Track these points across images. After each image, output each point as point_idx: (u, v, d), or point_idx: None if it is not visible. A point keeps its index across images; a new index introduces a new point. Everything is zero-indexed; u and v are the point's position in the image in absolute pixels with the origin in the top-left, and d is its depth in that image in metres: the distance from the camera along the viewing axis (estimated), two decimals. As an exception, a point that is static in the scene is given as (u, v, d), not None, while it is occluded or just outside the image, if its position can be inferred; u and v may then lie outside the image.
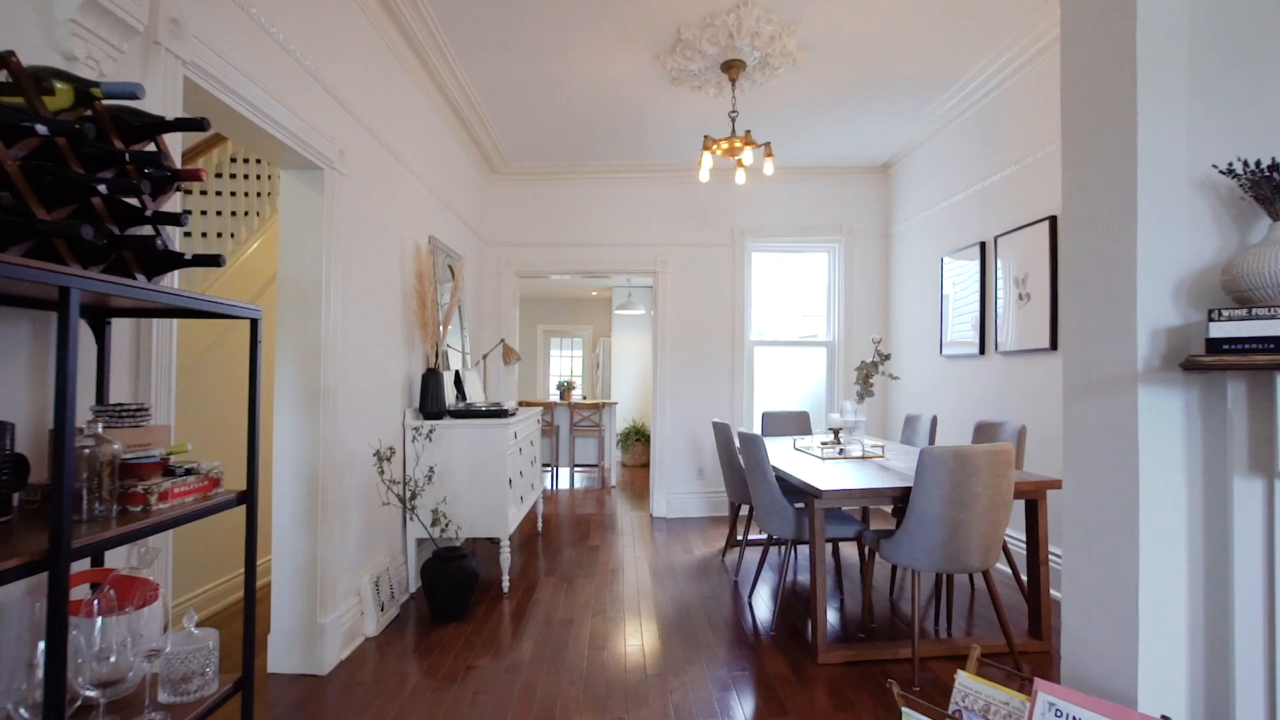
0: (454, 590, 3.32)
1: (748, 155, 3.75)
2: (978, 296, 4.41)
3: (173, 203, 1.69)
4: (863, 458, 3.67)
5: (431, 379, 3.82)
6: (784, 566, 3.35)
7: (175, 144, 1.85)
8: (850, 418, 3.90)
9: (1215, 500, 1.57)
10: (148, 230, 1.54)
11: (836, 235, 5.93)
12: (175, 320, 1.81)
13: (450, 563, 3.35)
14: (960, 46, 3.79)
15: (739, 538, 4.92)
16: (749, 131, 3.72)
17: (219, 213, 3.67)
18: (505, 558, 3.79)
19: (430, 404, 3.80)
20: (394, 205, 3.57)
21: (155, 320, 1.71)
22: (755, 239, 5.94)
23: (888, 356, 3.72)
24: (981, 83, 4.16)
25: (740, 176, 4.07)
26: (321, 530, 2.72)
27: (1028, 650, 2.94)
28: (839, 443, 3.92)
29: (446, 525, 3.55)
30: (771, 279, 6.14)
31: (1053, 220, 3.68)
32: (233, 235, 3.61)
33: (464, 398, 4.46)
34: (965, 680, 1.78)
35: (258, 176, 3.93)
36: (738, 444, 4.33)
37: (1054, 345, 3.66)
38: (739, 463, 4.16)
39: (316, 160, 2.67)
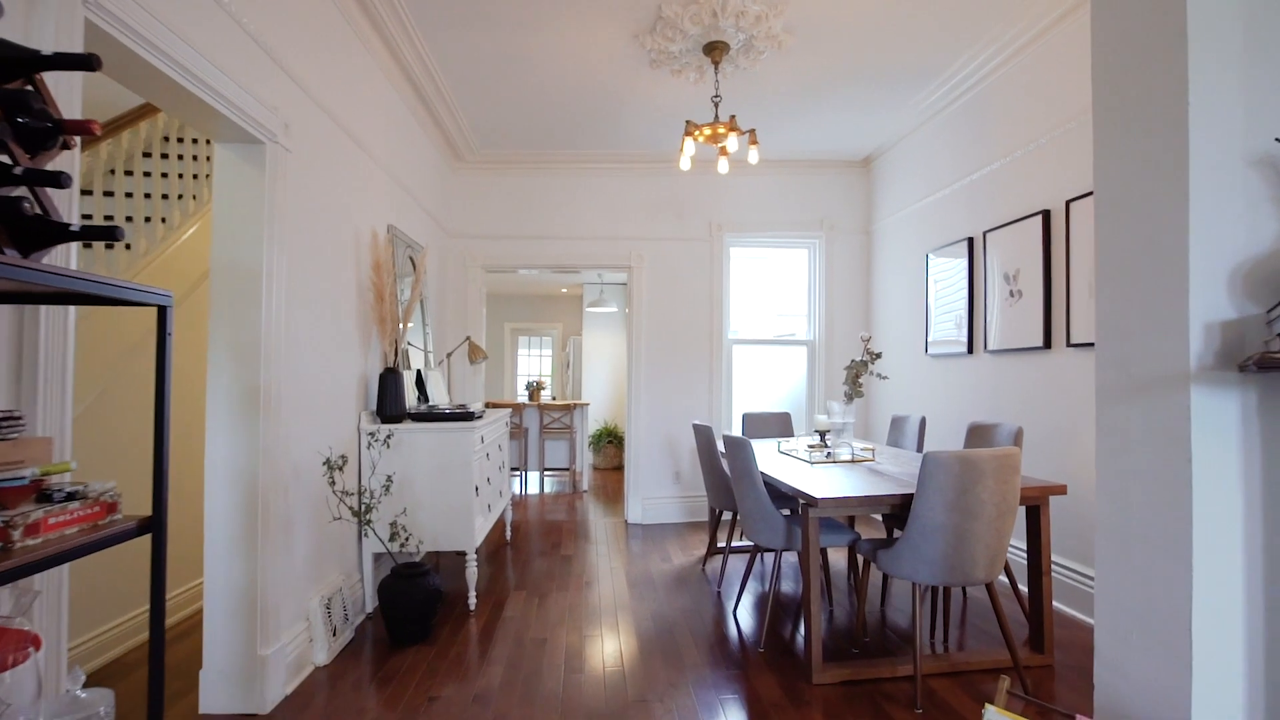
0: (415, 610, 3.04)
1: (732, 142, 3.54)
2: (965, 294, 4.27)
3: (61, 163, 1.39)
4: (852, 461, 3.49)
5: (390, 379, 3.52)
6: (773, 577, 3.15)
7: (75, 106, 1.55)
8: (838, 419, 3.72)
9: (1277, 516, 1.40)
10: (21, 193, 1.25)
11: (817, 231, 5.77)
12: (73, 308, 1.52)
13: (410, 580, 3.06)
14: (950, 34, 3.63)
15: (720, 545, 4.72)
16: (734, 117, 3.51)
17: (147, 195, 3.33)
18: (471, 572, 3.52)
19: (389, 406, 3.50)
20: (348, 189, 3.27)
21: (43, 308, 1.41)
22: (734, 234, 5.74)
23: (878, 355, 3.55)
24: (969, 74, 4.02)
25: (723, 165, 3.86)
26: (262, 550, 2.42)
27: (1030, 665, 2.78)
28: (826, 446, 3.74)
29: (406, 539, 3.26)
30: (747, 277, 5.96)
31: (1046, 214, 3.54)
32: (164, 220, 3.26)
33: (426, 399, 4.17)
34: (996, 717, 1.58)
35: (194, 157, 3.58)
36: (721, 448, 4.12)
37: (1047, 344, 3.52)
38: (722, 467, 3.95)
39: (256, 133, 2.38)
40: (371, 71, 3.58)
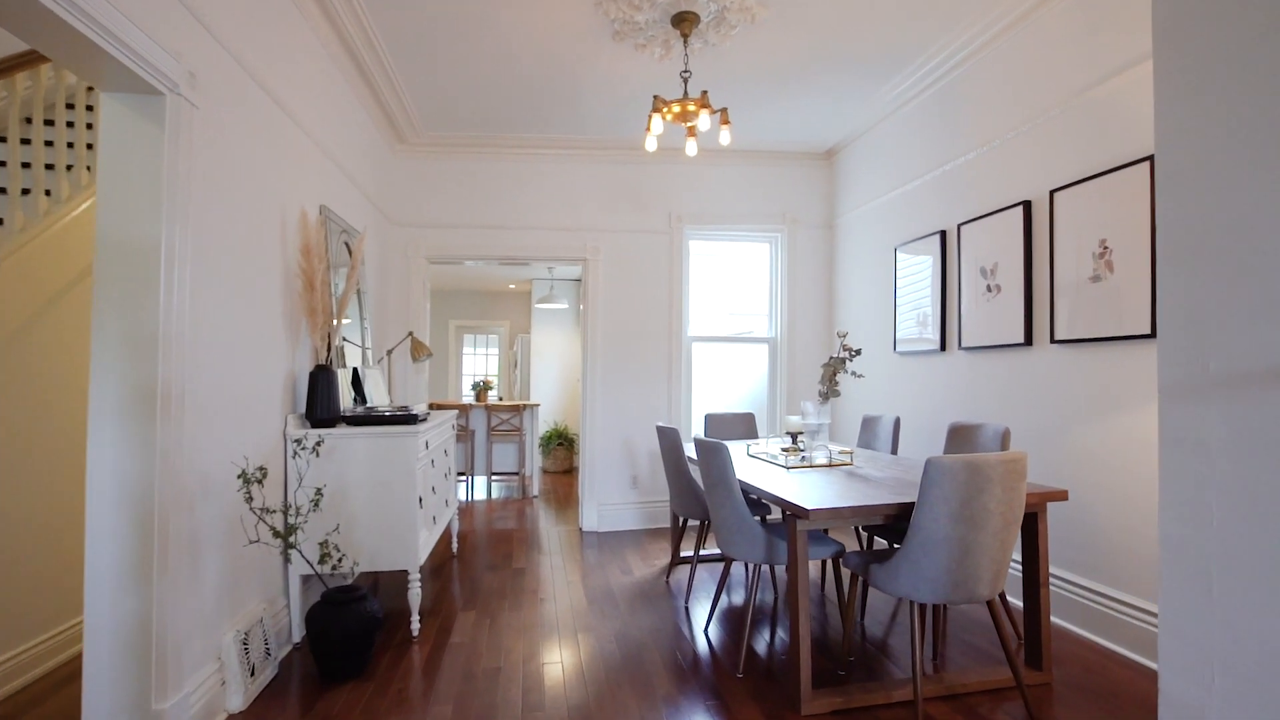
0: (348, 641, 2.66)
1: (703, 120, 3.27)
2: (938, 289, 4.12)
3: None
4: (830, 465, 3.27)
5: (322, 378, 3.12)
6: (751, 593, 2.88)
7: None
8: (813, 420, 3.50)
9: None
10: None
11: (779, 224, 5.57)
12: None
13: (343, 606, 2.68)
14: (929, 13, 3.45)
15: (684, 555, 4.45)
16: (705, 93, 3.24)
17: (26, 165, 2.83)
18: (415, 593, 3.14)
19: (321, 408, 3.10)
20: (273, 160, 2.86)
21: None
22: (694, 226, 5.49)
23: (858, 352, 3.34)
24: (945, 58, 3.86)
25: (691, 147, 3.60)
26: (160, 581, 2.01)
27: (1028, 683, 2.60)
28: (800, 448, 3.51)
29: (339, 560, 2.87)
30: (705, 273, 5.71)
31: (1027, 205, 3.40)
32: (48, 193, 2.78)
33: (364, 400, 3.76)
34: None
35: (89, 125, 3.09)
36: (690, 452, 3.86)
37: (1029, 340, 3.38)
38: (688, 473, 3.68)
39: (153, 80, 1.97)
40: (303, 35, 3.16)
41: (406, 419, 3.19)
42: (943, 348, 4.08)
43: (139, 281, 2.00)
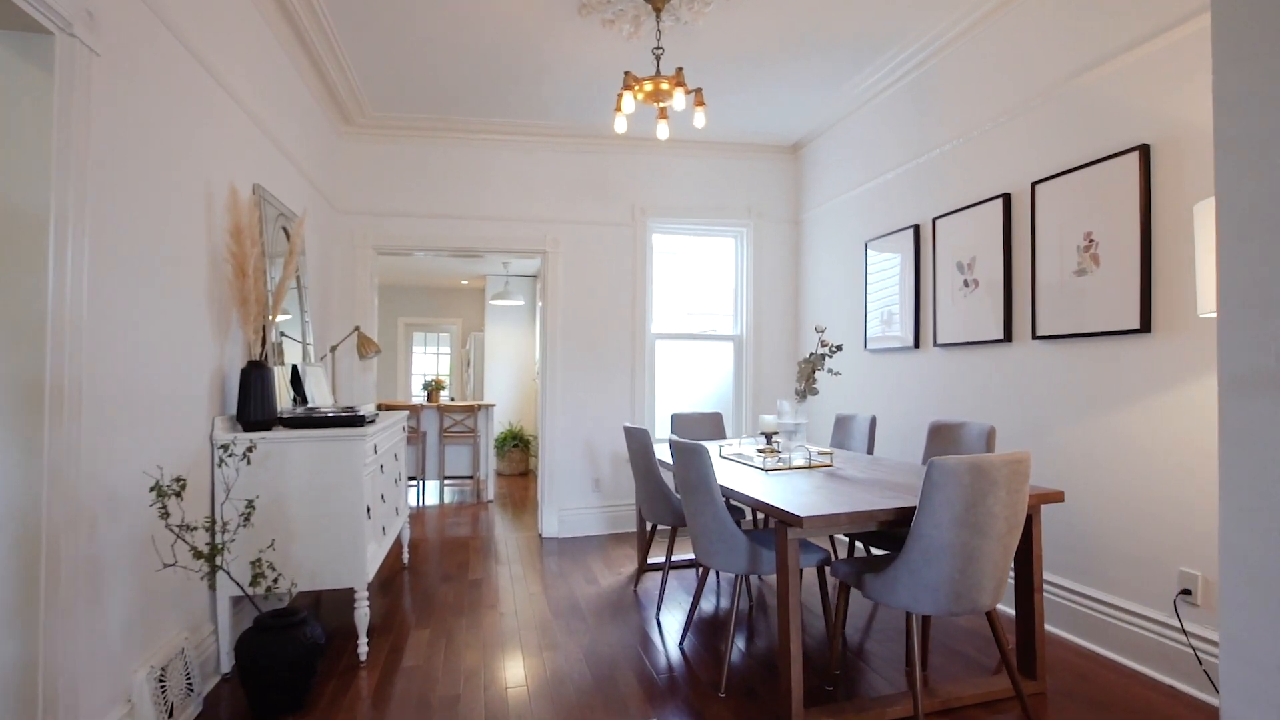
0: (285, 671, 2.35)
1: (678, 99, 3.06)
2: (911, 284, 4.01)
3: None
4: (809, 467, 3.10)
5: (256, 375, 2.78)
6: (733, 606, 2.69)
7: None
8: (789, 420, 3.33)
9: None
10: None
11: (745, 219, 5.41)
12: None
13: (279, 633, 2.37)
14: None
15: (650, 562, 4.23)
16: (680, 70, 3.04)
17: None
18: (362, 614, 2.84)
19: (255, 409, 2.76)
20: (197, 128, 2.52)
21: None
22: (658, 218, 5.28)
23: (839, 347, 3.18)
24: (922, 46, 3.74)
25: (662, 130, 3.39)
26: (48, 616, 1.69)
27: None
28: (776, 449, 3.34)
29: (275, 580, 2.55)
30: (667, 270, 5.51)
31: (1006, 198, 3.30)
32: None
33: (304, 400, 3.42)
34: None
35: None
36: (661, 454, 3.64)
37: (1008, 336, 3.28)
38: (658, 476, 3.47)
39: (39, 15, 1.64)
40: (230, -13, 2.83)
41: (353, 420, 2.89)
42: (917, 345, 3.98)
43: (21, 257, 1.67)
